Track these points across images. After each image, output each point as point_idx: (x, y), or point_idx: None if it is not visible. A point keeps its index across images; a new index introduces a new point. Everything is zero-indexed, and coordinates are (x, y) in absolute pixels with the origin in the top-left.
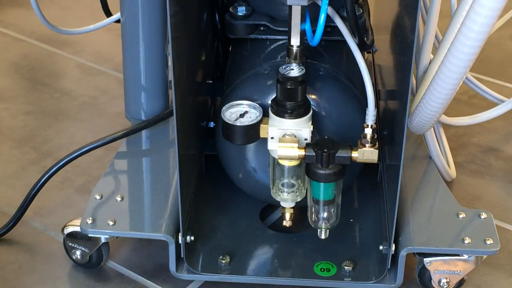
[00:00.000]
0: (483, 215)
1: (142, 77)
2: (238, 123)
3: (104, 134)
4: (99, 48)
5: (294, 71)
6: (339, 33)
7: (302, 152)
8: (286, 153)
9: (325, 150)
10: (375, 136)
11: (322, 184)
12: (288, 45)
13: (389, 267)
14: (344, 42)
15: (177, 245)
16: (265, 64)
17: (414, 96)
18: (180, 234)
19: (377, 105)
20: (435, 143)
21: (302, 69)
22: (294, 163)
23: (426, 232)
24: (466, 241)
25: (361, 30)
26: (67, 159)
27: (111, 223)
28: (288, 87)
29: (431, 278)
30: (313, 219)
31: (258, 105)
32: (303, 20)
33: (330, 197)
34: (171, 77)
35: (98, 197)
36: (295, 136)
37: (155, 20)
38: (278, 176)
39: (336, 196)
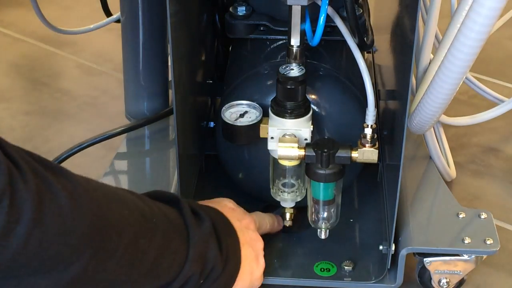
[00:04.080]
0: (483, 215)
1: (142, 77)
2: (238, 123)
3: None
4: (99, 48)
5: (294, 71)
6: (339, 33)
7: (302, 152)
8: (286, 153)
9: (325, 150)
10: (375, 136)
11: (322, 184)
12: (288, 45)
13: (389, 267)
14: (344, 42)
15: None
16: (265, 64)
17: (414, 96)
18: None
19: (377, 105)
20: (435, 143)
21: (302, 69)
22: (294, 163)
23: (426, 232)
24: (466, 241)
25: (361, 30)
26: (64, 156)
27: None
28: (288, 87)
29: (431, 278)
30: (313, 219)
31: (258, 105)
32: (303, 20)
33: (330, 197)
34: (171, 77)
35: None
36: (295, 136)
37: (155, 20)
38: (278, 176)
39: (336, 196)
